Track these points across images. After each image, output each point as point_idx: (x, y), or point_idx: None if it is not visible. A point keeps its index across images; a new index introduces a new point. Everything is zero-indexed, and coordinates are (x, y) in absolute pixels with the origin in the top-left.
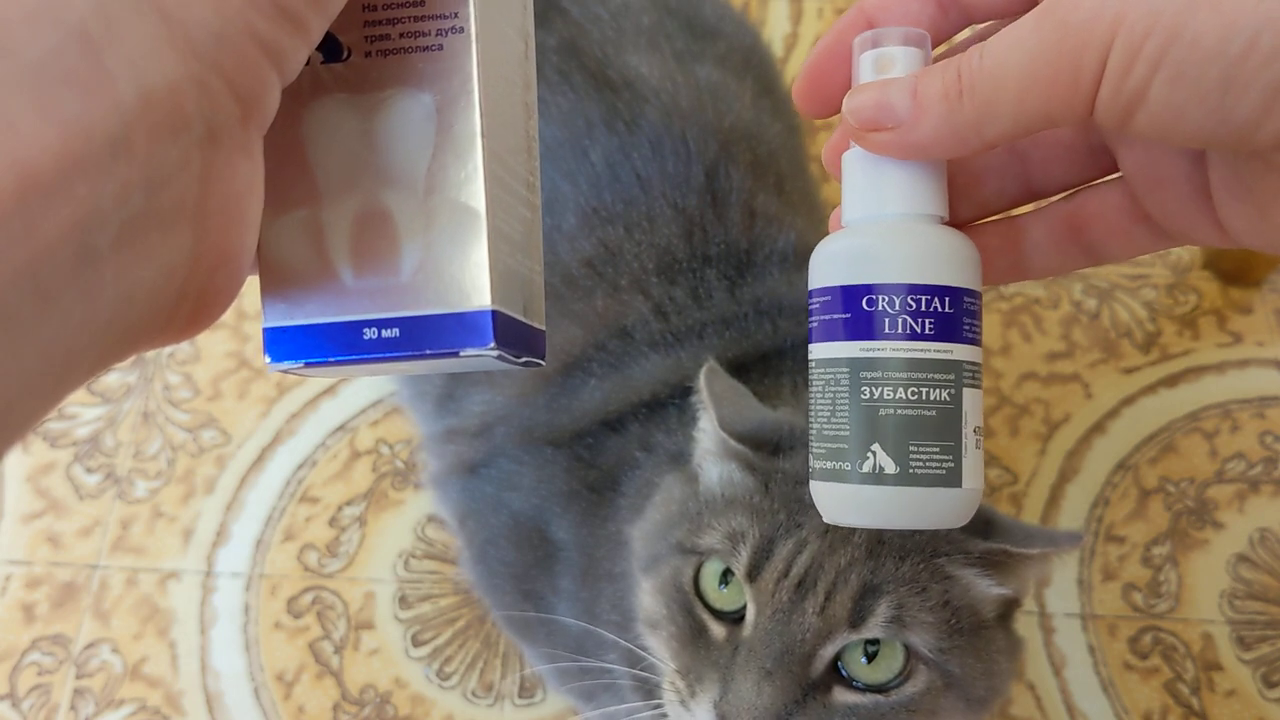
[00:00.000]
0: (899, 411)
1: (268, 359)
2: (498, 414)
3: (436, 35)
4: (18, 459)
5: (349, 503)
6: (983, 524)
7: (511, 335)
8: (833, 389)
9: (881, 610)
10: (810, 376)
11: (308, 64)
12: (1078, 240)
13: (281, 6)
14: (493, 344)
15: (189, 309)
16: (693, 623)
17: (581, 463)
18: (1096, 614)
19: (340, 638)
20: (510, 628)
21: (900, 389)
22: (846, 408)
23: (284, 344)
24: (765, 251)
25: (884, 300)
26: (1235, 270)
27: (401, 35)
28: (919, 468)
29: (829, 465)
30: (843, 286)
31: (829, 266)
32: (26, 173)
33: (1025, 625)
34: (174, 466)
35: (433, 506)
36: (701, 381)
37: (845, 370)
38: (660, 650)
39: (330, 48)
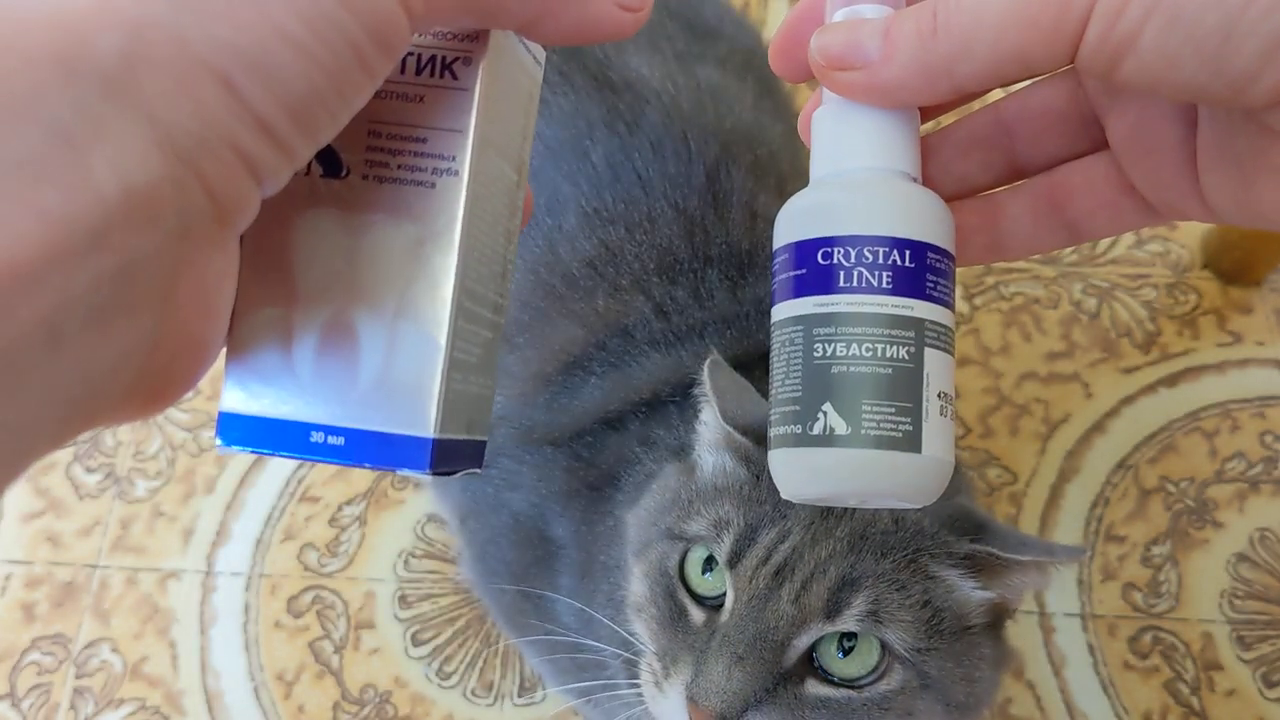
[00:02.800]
0: (852, 369)
1: (218, 440)
2: (498, 414)
3: (432, 173)
4: None
5: (349, 502)
6: (975, 527)
7: (451, 454)
8: (788, 350)
9: (858, 603)
10: (770, 341)
11: (307, 174)
12: (1060, 216)
13: (267, 126)
14: (429, 470)
15: (149, 388)
16: (674, 607)
17: (581, 461)
18: (1096, 613)
19: (340, 637)
20: (509, 626)
21: (854, 344)
22: (800, 367)
23: (235, 429)
24: (767, 252)
25: (839, 253)
26: (1235, 270)
27: (399, 167)
28: (872, 428)
29: (782, 430)
30: (798, 242)
31: (790, 223)
32: (9, 262)
33: (1025, 624)
34: (174, 466)
35: (433, 506)
36: (705, 373)
37: (800, 328)
38: (643, 633)
39: (331, 163)
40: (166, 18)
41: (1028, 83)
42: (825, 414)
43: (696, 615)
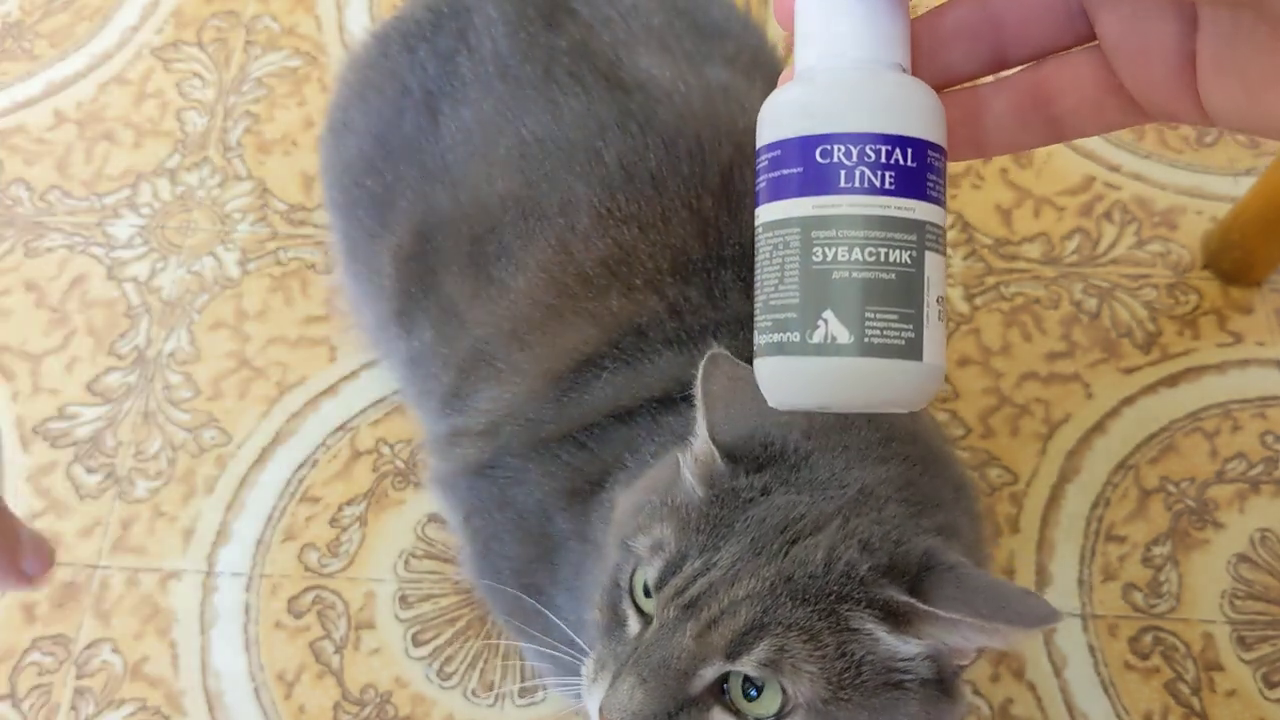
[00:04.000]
0: (854, 274)
1: None
2: (505, 411)
3: None
4: (18, 459)
5: (349, 502)
6: (923, 569)
7: None
8: (781, 253)
9: (759, 650)
10: (756, 244)
11: None
12: (1043, 112)
13: None
14: None
15: None
16: (617, 617)
17: (586, 451)
18: (1097, 614)
19: (341, 637)
20: (508, 623)
21: (857, 249)
22: (796, 272)
23: None
24: None
25: (840, 151)
26: (1236, 270)
27: None
28: (875, 336)
29: (775, 338)
30: (796, 138)
31: (780, 119)
32: None
33: None
34: (174, 466)
35: (436, 505)
36: (699, 375)
37: (796, 231)
38: (592, 633)
39: None
40: None
41: None
42: (826, 321)
43: (633, 628)
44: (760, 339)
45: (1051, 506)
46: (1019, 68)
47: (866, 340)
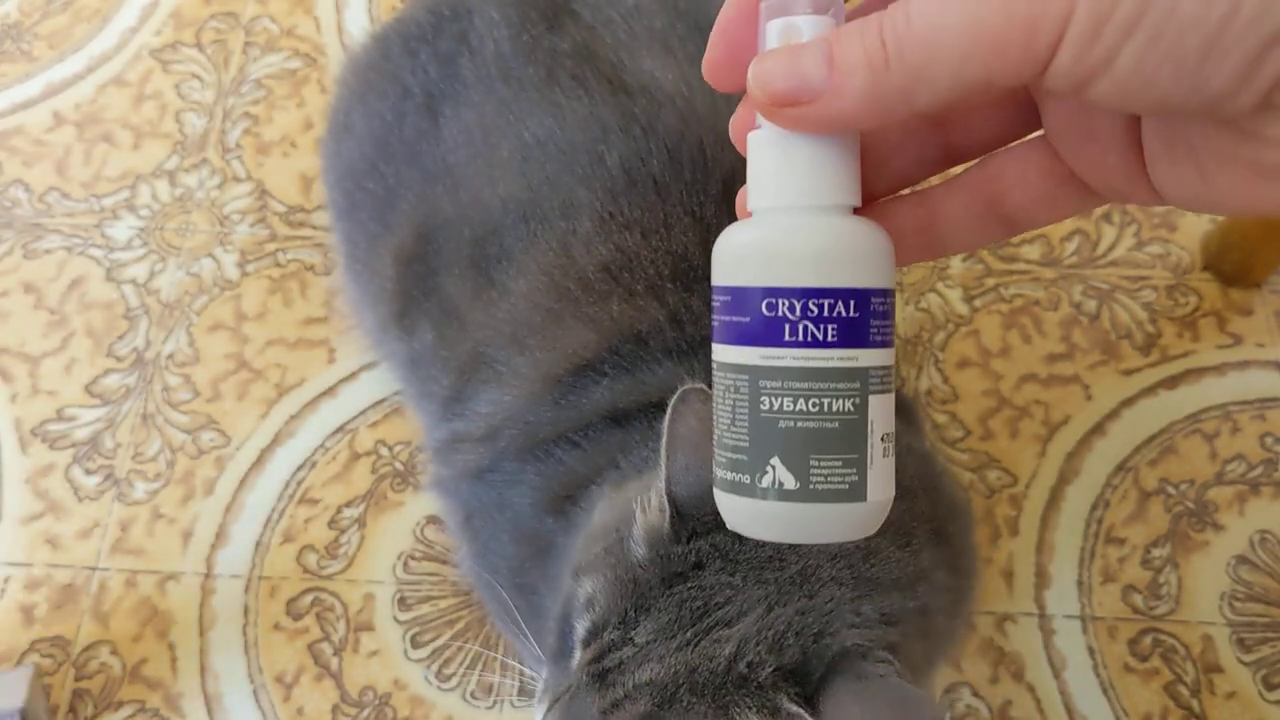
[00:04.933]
0: (799, 424)
1: None
2: (505, 415)
3: None
4: (17, 460)
5: (348, 504)
6: (832, 671)
7: None
8: (733, 395)
9: None
10: (714, 377)
11: None
12: (996, 211)
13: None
14: None
15: None
16: (564, 646)
17: (580, 450)
18: (1096, 616)
19: (339, 639)
20: (504, 623)
21: (801, 400)
22: (746, 417)
23: None
24: None
25: (784, 305)
26: (1235, 272)
27: None
28: (820, 483)
29: (730, 476)
30: (744, 288)
31: (732, 263)
32: None
33: (1025, 627)
34: (173, 468)
35: (436, 509)
36: (667, 414)
37: (745, 378)
38: (546, 650)
39: None
40: None
41: None
42: (774, 468)
43: (575, 661)
44: (717, 471)
45: (1051, 508)
46: (970, 163)
47: (811, 487)
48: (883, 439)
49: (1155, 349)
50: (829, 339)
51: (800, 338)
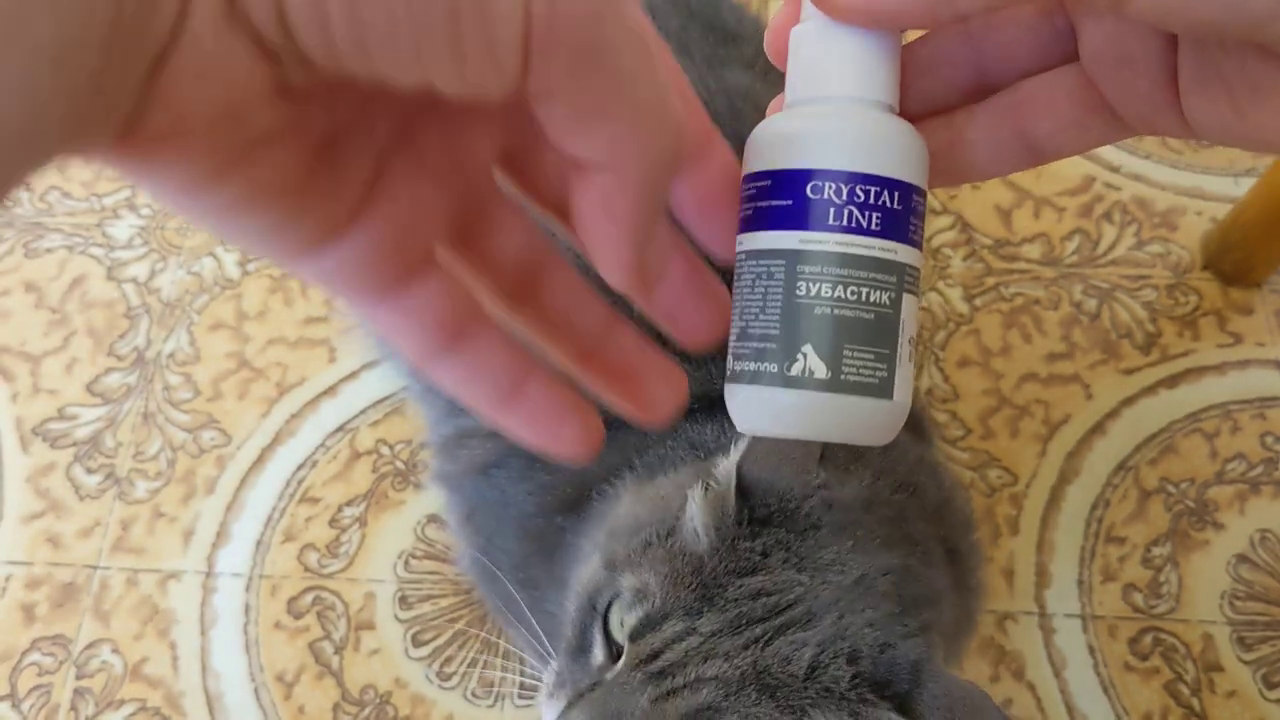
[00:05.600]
0: (835, 311)
1: None
2: None
3: None
4: (18, 459)
5: (349, 503)
6: (914, 684)
7: None
8: (765, 283)
9: None
10: (738, 270)
11: None
12: (1023, 136)
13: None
14: None
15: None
16: (584, 640)
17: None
18: (1097, 615)
19: (340, 638)
20: (505, 617)
21: (839, 286)
22: (779, 304)
23: None
24: None
25: (830, 188)
26: (1235, 271)
27: None
28: (851, 374)
29: (751, 366)
30: (785, 170)
31: (770, 149)
32: None
33: (1026, 626)
34: (174, 467)
35: (437, 505)
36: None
37: (781, 263)
38: (559, 642)
39: None
40: None
41: None
42: (805, 355)
43: (598, 655)
44: (735, 364)
45: (1051, 507)
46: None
47: (843, 377)
48: (910, 341)
49: (1156, 348)
50: (872, 227)
51: (844, 222)
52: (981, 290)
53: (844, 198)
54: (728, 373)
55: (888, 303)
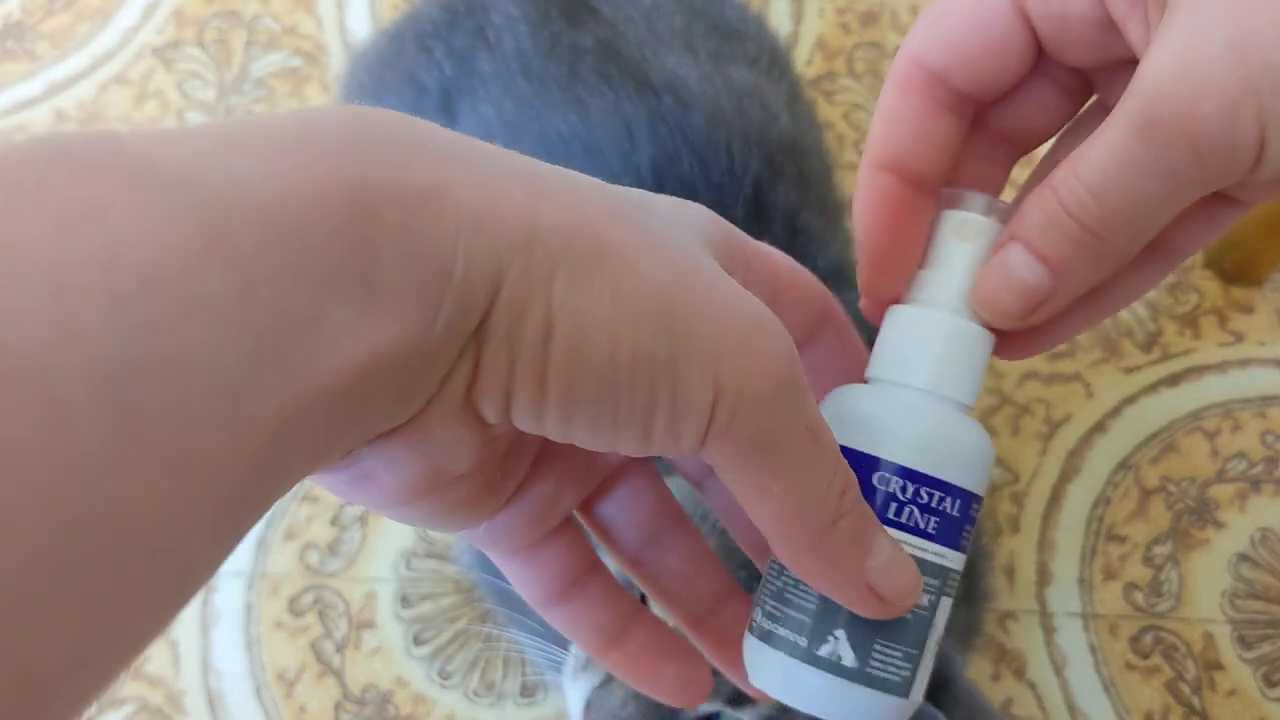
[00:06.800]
0: None
1: None
2: None
3: None
4: None
5: (350, 502)
6: (938, 684)
7: None
8: None
9: (764, 705)
10: None
11: None
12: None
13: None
14: None
15: None
16: None
17: None
18: (1097, 613)
19: (342, 637)
20: (504, 612)
21: None
22: None
23: None
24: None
25: (895, 483)
26: (1237, 270)
27: None
28: (877, 668)
29: (779, 632)
30: (855, 451)
31: (843, 422)
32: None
33: (1026, 624)
34: None
35: None
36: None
37: None
38: None
39: None
40: None
41: None
42: (836, 639)
43: None
44: (764, 622)
45: (1052, 506)
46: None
47: (869, 670)
48: (936, 642)
49: (1156, 347)
50: (929, 529)
51: (904, 520)
52: None
53: (907, 495)
54: (752, 624)
55: (927, 605)
